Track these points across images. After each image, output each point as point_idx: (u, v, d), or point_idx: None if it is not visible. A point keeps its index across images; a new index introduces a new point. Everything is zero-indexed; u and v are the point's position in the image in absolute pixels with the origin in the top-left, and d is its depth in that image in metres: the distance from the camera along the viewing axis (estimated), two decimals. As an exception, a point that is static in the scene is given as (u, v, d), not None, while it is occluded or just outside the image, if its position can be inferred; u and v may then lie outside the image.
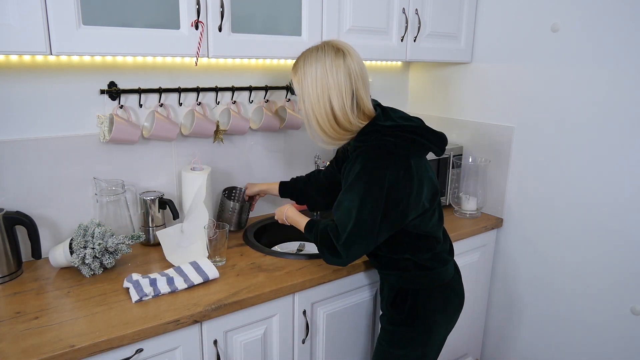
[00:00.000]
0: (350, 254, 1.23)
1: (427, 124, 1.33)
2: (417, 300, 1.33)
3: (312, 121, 1.25)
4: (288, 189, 1.69)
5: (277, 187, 1.70)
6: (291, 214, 1.47)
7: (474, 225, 1.90)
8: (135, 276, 1.31)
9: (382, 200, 1.19)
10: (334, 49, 1.22)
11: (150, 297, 1.24)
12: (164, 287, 1.27)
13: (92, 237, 1.36)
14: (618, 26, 1.56)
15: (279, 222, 1.53)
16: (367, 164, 1.21)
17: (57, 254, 1.38)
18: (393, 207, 1.20)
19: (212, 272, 1.34)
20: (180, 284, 1.29)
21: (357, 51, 1.25)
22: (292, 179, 1.71)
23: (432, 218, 1.32)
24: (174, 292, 1.27)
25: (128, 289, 1.28)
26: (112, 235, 1.40)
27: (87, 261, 1.34)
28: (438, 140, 1.30)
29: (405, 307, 1.34)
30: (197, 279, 1.31)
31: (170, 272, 1.35)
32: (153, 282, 1.28)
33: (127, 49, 1.24)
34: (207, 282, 1.32)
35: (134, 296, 1.23)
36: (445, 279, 1.36)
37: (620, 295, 1.67)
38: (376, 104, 1.32)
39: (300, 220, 1.41)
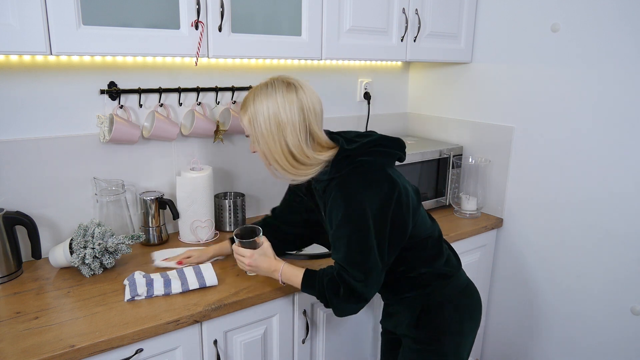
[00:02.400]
0: (371, 288, 1.16)
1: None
2: (444, 314, 1.27)
3: (271, 161, 1.18)
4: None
5: (227, 244, 1.48)
6: (286, 270, 1.25)
7: (474, 225, 1.90)
8: (137, 275, 1.32)
9: (378, 222, 1.12)
10: (284, 84, 1.16)
11: (143, 297, 1.24)
12: (159, 289, 1.26)
13: (92, 237, 1.36)
14: (618, 26, 1.56)
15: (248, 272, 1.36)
16: (348, 191, 1.14)
17: (57, 254, 1.38)
18: (390, 224, 1.14)
19: (211, 279, 1.32)
20: (176, 287, 1.28)
21: (308, 85, 1.19)
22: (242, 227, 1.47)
23: (425, 221, 1.28)
24: (167, 295, 1.27)
25: (125, 286, 1.28)
26: (112, 235, 1.40)
27: (87, 261, 1.34)
28: (398, 145, 1.25)
29: (432, 325, 1.27)
30: (194, 284, 1.30)
31: (172, 274, 1.35)
32: (150, 283, 1.27)
33: (127, 49, 1.24)
34: (203, 288, 1.31)
35: (127, 295, 1.23)
36: (464, 283, 1.32)
37: (620, 295, 1.67)
38: (328, 133, 1.26)
39: (296, 274, 1.24)
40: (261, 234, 1.28)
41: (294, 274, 1.24)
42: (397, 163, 1.27)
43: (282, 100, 1.13)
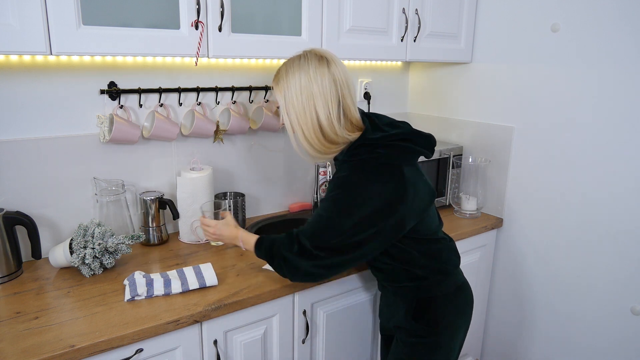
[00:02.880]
0: (326, 259, 1.15)
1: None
2: (439, 307, 1.29)
3: (298, 134, 1.19)
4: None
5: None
6: (244, 237, 1.32)
7: (474, 225, 1.90)
8: (137, 275, 1.32)
9: (367, 220, 1.13)
10: (316, 57, 1.17)
11: (143, 297, 1.24)
12: (159, 289, 1.26)
13: (92, 237, 1.36)
14: (618, 26, 1.56)
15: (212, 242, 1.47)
16: (351, 176, 1.16)
17: (57, 254, 1.38)
18: (385, 219, 1.14)
19: (211, 279, 1.32)
20: (176, 287, 1.28)
21: (340, 61, 1.21)
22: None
23: (433, 220, 1.30)
24: (167, 295, 1.27)
25: (125, 286, 1.28)
26: (112, 235, 1.40)
27: (87, 261, 1.34)
28: (427, 142, 1.26)
29: (427, 317, 1.29)
30: (194, 284, 1.30)
31: (172, 274, 1.35)
32: (149, 283, 1.27)
33: (127, 49, 1.24)
34: (203, 288, 1.31)
35: (126, 295, 1.24)
36: (460, 280, 1.35)
37: (620, 295, 1.67)
38: (361, 113, 1.26)
39: (251, 240, 1.29)
40: (226, 208, 1.46)
41: (248, 239, 1.30)
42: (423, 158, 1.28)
43: (314, 72, 1.14)
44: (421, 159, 1.85)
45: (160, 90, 1.59)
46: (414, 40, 1.81)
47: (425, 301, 1.29)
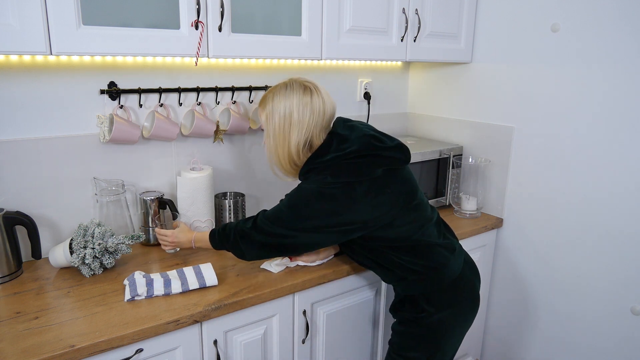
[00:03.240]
0: (260, 232, 1.28)
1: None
2: (425, 299, 1.33)
3: (273, 156, 1.31)
4: None
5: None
6: (198, 237, 1.43)
7: (474, 225, 1.90)
8: (137, 275, 1.32)
9: (316, 205, 1.23)
10: (301, 87, 1.27)
11: (143, 297, 1.24)
12: (159, 289, 1.26)
13: (92, 237, 1.36)
14: (618, 26, 1.56)
15: (169, 249, 1.52)
16: (300, 185, 1.29)
17: (57, 254, 1.38)
18: (330, 227, 1.24)
19: (211, 279, 1.32)
20: (176, 288, 1.27)
21: (323, 89, 1.30)
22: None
23: (404, 225, 1.29)
24: (167, 295, 1.27)
25: (125, 285, 1.28)
26: (112, 235, 1.40)
27: (87, 261, 1.34)
28: (395, 152, 1.29)
29: (413, 307, 1.34)
30: (194, 284, 1.30)
31: (172, 274, 1.35)
32: (150, 283, 1.27)
33: (127, 49, 1.24)
34: (203, 288, 1.31)
35: (127, 295, 1.24)
36: (452, 276, 1.34)
37: (620, 295, 1.67)
38: (331, 131, 1.31)
39: (205, 238, 1.41)
40: (179, 218, 1.55)
41: (201, 237, 1.41)
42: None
43: (298, 102, 1.25)
44: (414, 159, 1.88)
45: (160, 90, 1.59)
46: (414, 40, 1.81)
47: (412, 295, 1.34)
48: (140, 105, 1.59)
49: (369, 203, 1.23)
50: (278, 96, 1.27)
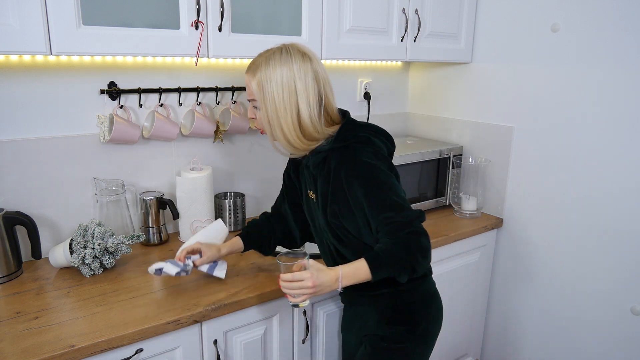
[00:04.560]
0: (420, 216, 1.11)
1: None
2: (415, 313, 1.25)
3: (275, 130, 1.13)
4: (252, 240, 1.39)
5: (239, 242, 1.37)
6: (347, 271, 1.08)
7: (474, 225, 1.90)
8: (160, 264, 1.27)
9: (385, 169, 1.14)
10: (300, 52, 1.13)
11: (163, 268, 1.24)
12: (177, 266, 1.25)
13: (92, 237, 1.36)
14: (618, 26, 1.56)
15: (314, 293, 1.07)
16: (353, 157, 1.13)
17: (57, 254, 1.38)
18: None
19: (220, 272, 1.32)
20: (190, 266, 1.27)
21: (319, 59, 1.19)
22: (249, 225, 1.42)
23: None
24: (184, 270, 1.26)
25: (162, 269, 1.24)
26: (112, 235, 1.40)
27: (87, 261, 1.34)
28: (390, 142, 1.26)
29: (403, 322, 1.24)
30: (204, 268, 1.29)
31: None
32: (168, 262, 1.26)
33: (127, 49, 1.24)
34: (210, 276, 1.32)
35: (173, 270, 1.23)
36: (433, 287, 1.30)
37: (620, 295, 1.67)
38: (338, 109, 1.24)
39: (359, 266, 1.08)
40: (306, 253, 1.13)
41: (354, 269, 1.07)
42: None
43: (298, 68, 1.10)
44: (414, 159, 1.88)
45: (160, 90, 1.59)
46: (414, 40, 1.81)
47: (400, 307, 1.24)
48: (140, 105, 1.59)
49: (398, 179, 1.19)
50: (273, 61, 1.11)
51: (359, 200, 1.11)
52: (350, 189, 1.12)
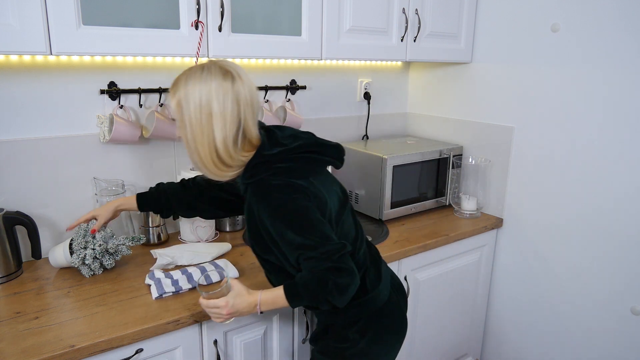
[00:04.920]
0: (345, 254, 1.05)
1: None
2: (348, 334, 1.19)
3: (193, 153, 1.07)
4: (149, 200, 1.37)
5: (134, 199, 1.37)
6: (266, 298, 1.11)
7: (474, 225, 1.90)
8: (158, 273, 1.33)
9: (311, 217, 1.05)
10: (221, 71, 1.04)
11: (170, 294, 1.26)
12: (185, 284, 1.29)
13: (93, 238, 1.36)
14: (618, 26, 1.56)
15: (223, 319, 1.13)
16: (264, 198, 1.06)
17: (57, 254, 1.38)
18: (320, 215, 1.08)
19: (232, 272, 1.37)
20: (201, 281, 1.28)
21: (246, 73, 1.08)
22: (156, 187, 1.40)
23: (348, 229, 1.18)
24: (194, 287, 1.29)
25: (150, 285, 1.30)
26: (113, 237, 1.40)
27: (87, 262, 1.34)
28: (334, 152, 1.17)
29: (337, 336, 1.21)
30: (215, 276, 1.33)
31: (191, 269, 1.38)
32: (175, 282, 1.30)
33: (127, 49, 1.24)
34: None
35: (154, 293, 1.25)
36: (378, 305, 1.20)
37: (620, 296, 1.67)
38: (260, 127, 1.14)
39: (278, 294, 1.09)
40: (227, 275, 1.17)
41: (273, 296, 1.10)
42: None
43: (217, 88, 1.02)
44: (414, 159, 1.88)
45: (160, 90, 1.59)
46: (414, 40, 1.81)
47: (336, 325, 1.21)
48: (140, 105, 1.59)
49: (324, 202, 1.10)
50: (193, 80, 1.03)
51: (274, 239, 1.08)
52: (264, 227, 1.08)
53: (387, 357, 1.27)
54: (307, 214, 1.05)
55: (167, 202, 1.37)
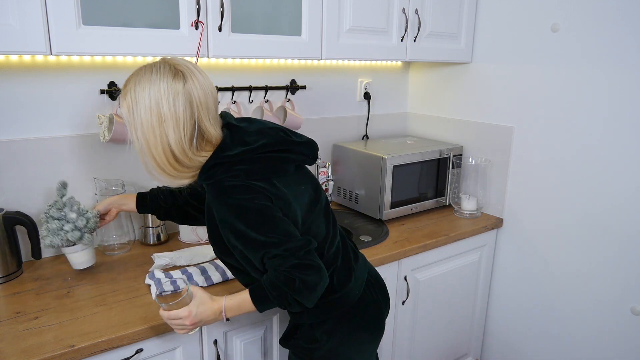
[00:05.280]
0: (311, 251, 1.03)
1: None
2: (316, 334, 1.16)
3: (147, 157, 1.02)
4: (149, 202, 1.34)
5: (133, 199, 1.35)
6: (231, 304, 1.07)
7: (474, 225, 1.90)
8: (158, 273, 1.34)
9: (269, 218, 1.02)
10: (171, 71, 0.99)
11: (169, 293, 1.24)
12: (183, 285, 1.26)
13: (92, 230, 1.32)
14: (618, 26, 1.56)
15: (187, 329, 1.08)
16: (230, 205, 1.02)
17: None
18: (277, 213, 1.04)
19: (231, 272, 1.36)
20: (201, 282, 1.31)
21: (201, 71, 1.04)
22: (154, 189, 1.37)
23: (318, 228, 1.14)
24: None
25: (149, 285, 1.30)
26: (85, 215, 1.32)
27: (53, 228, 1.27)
28: (305, 149, 1.12)
29: (305, 336, 1.18)
30: (217, 278, 1.33)
31: (192, 269, 1.38)
32: (174, 282, 1.28)
33: (127, 49, 1.24)
34: (226, 281, 1.33)
35: (154, 293, 1.25)
36: (347, 305, 1.15)
37: (620, 295, 1.67)
38: (226, 122, 1.09)
39: (244, 298, 1.06)
40: (185, 282, 1.11)
41: (239, 301, 1.07)
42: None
43: (166, 90, 0.97)
44: (414, 159, 1.88)
45: (160, 90, 1.59)
46: (414, 40, 1.81)
47: (304, 325, 1.19)
48: (140, 105, 1.59)
49: (289, 203, 1.07)
50: (142, 82, 0.98)
51: (232, 242, 1.05)
52: (224, 230, 1.04)
53: (360, 356, 1.21)
54: (267, 212, 1.01)
55: (166, 202, 1.34)
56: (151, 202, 1.34)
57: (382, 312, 1.24)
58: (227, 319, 1.09)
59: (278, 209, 1.04)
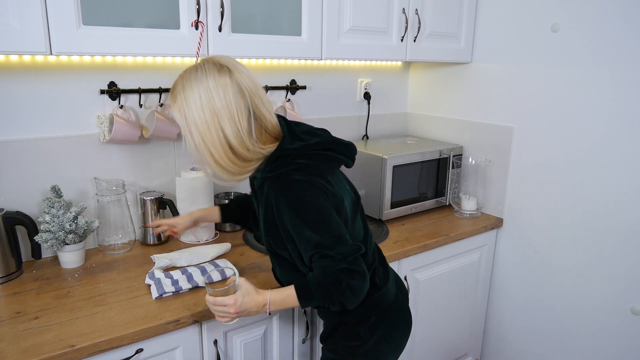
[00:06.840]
0: (358, 256, 1.05)
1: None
2: (360, 332, 1.19)
3: (205, 156, 1.03)
4: (232, 212, 1.41)
5: (217, 211, 1.41)
6: (275, 297, 1.09)
7: (474, 225, 1.90)
8: (158, 273, 1.34)
9: (321, 206, 1.04)
10: (215, 66, 1.02)
11: (170, 294, 1.26)
12: (185, 284, 1.29)
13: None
14: (618, 26, 1.56)
15: (232, 319, 1.10)
16: (285, 193, 1.04)
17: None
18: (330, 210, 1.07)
19: (230, 271, 1.37)
20: (201, 281, 1.31)
21: (243, 65, 1.06)
22: (232, 200, 1.45)
23: (358, 230, 1.18)
24: (195, 287, 1.30)
25: (150, 285, 1.30)
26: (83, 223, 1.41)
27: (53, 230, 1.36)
28: (347, 151, 1.15)
29: (347, 338, 1.21)
30: (217, 276, 1.34)
31: (191, 269, 1.38)
32: (175, 282, 1.30)
33: (127, 49, 1.24)
34: (225, 279, 1.33)
35: (154, 293, 1.25)
36: (387, 302, 1.21)
37: (620, 295, 1.67)
38: (278, 119, 1.12)
39: (288, 293, 1.08)
40: (237, 274, 1.11)
41: (283, 296, 1.09)
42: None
43: (215, 85, 1.00)
44: (414, 159, 1.88)
45: (160, 90, 1.59)
46: (414, 41, 1.81)
47: (346, 323, 1.21)
48: (140, 105, 1.59)
49: (341, 200, 1.10)
50: (189, 82, 1.01)
51: (290, 236, 1.07)
52: (282, 223, 1.06)
53: (395, 354, 1.27)
54: (326, 213, 1.04)
55: (244, 215, 1.41)
56: (235, 209, 1.41)
57: (409, 310, 1.30)
58: (269, 313, 1.11)
59: (334, 209, 1.07)
